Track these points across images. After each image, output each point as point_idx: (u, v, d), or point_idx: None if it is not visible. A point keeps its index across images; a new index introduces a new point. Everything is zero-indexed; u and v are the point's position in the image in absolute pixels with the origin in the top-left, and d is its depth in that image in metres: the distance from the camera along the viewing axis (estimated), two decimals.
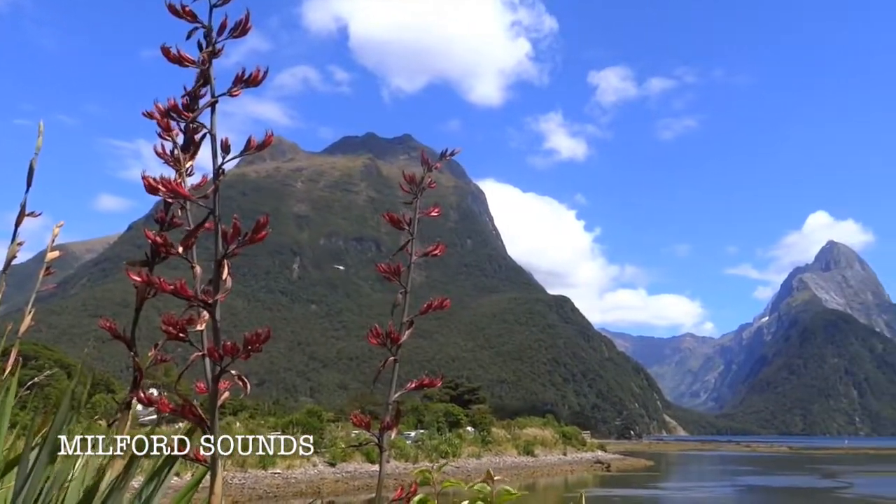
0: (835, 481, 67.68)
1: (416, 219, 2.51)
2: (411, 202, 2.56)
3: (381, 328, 2.27)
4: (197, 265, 1.82)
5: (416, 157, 2.31)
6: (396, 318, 2.29)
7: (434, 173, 2.17)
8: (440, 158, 2.71)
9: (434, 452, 64.99)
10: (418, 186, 2.60)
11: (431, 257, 2.10)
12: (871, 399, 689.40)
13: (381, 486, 2.16)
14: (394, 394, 2.22)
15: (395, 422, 2.22)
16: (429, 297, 2.11)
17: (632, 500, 47.16)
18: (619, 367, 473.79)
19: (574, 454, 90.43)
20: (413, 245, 2.43)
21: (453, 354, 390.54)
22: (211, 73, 1.81)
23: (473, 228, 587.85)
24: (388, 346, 2.25)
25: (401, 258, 2.44)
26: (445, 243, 2.00)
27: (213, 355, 1.72)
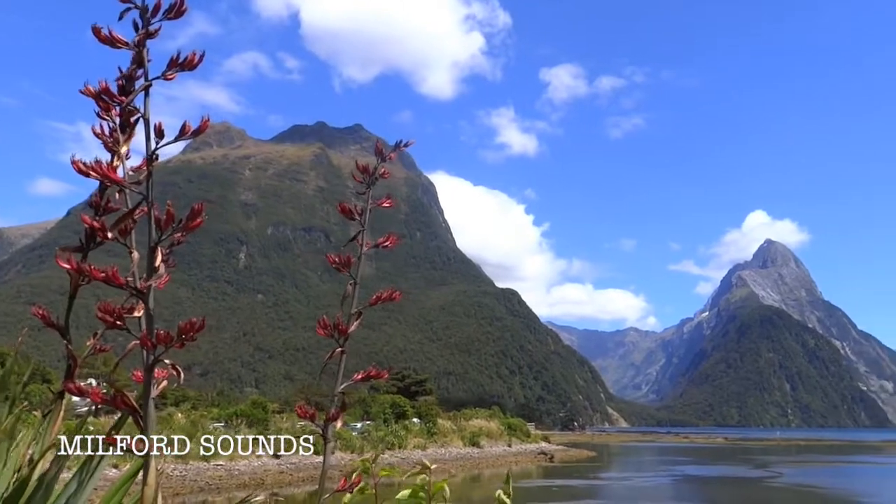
0: (766, 471, 70.32)
1: (369, 210, 2.48)
2: (363, 193, 2.52)
3: (329, 319, 2.24)
4: (135, 251, 1.78)
5: (368, 148, 2.27)
6: (346, 309, 2.26)
7: (387, 166, 2.19)
8: (393, 149, 2.66)
9: (380, 444, 65.01)
10: (371, 177, 2.56)
11: (381, 249, 2.14)
12: (802, 392, 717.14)
13: (325, 477, 2.14)
14: (340, 385, 2.20)
15: (341, 413, 2.19)
16: (378, 289, 2.10)
17: (573, 490, 48.12)
18: (565, 360, 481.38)
19: (519, 445, 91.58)
20: (364, 236, 2.40)
21: (401, 346, 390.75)
22: (144, 55, 1.75)
23: (423, 221, 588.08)
24: (335, 337, 2.22)
25: (351, 249, 2.41)
26: (396, 235, 2.01)
27: (146, 344, 1.69)
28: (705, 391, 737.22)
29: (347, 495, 2.43)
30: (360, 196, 2.48)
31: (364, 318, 1.95)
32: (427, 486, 2.62)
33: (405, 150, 2.28)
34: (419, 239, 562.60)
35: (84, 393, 1.81)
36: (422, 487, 2.61)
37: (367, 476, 2.57)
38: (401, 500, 2.63)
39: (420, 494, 2.60)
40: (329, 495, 2.16)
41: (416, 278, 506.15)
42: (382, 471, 2.65)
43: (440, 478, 2.71)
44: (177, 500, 36.72)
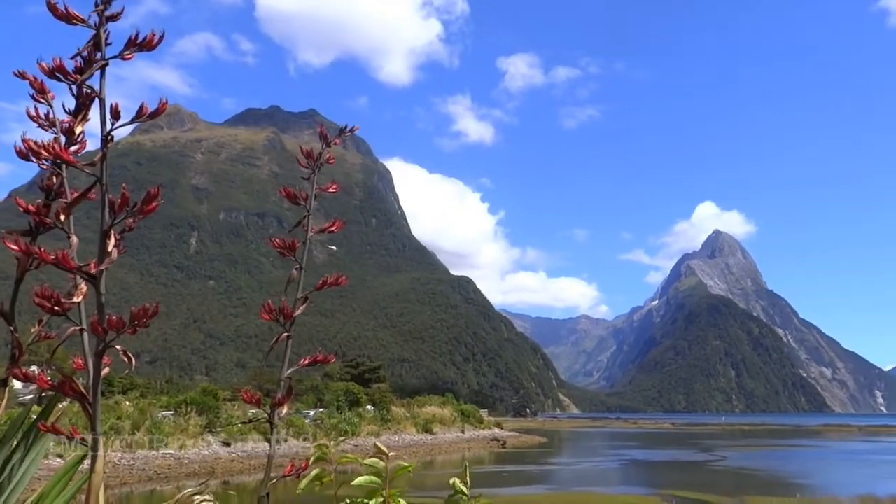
0: (710, 455, 72.63)
1: (314, 194, 2.46)
2: (308, 178, 2.52)
3: (278, 305, 2.24)
4: (74, 235, 1.73)
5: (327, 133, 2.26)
6: (291, 294, 2.26)
7: (341, 151, 2.12)
8: (340, 134, 2.65)
9: (333, 431, 64.96)
10: (317, 161, 2.55)
11: (331, 234, 2.12)
12: (746, 378, 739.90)
13: (271, 463, 2.10)
14: (286, 370, 2.16)
15: (287, 398, 2.15)
16: (333, 276, 2.11)
17: (524, 475, 48.95)
18: (518, 347, 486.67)
19: (472, 432, 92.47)
20: (310, 221, 2.38)
21: (355, 333, 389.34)
22: (102, 33, 1.71)
23: (379, 207, 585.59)
24: (281, 322, 2.21)
25: (298, 234, 2.40)
26: (350, 221, 1.99)
27: (97, 330, 1.63)
28: (654, 378, 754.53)
29: (304, 481, 2.38)
30: (308, 181, 2.21)
31: (317, 304, 1.93)
32: (383, 471, 2.60)
33: (361, 137, 2.24)
34: (374, 226, 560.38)
35: (30, 379, 1.77)
36: (379, 473, 2.60)
37: (324, 462, 2.53)
38: (357, 486, 2.61)
39: (377, 480, 2.59)
40: (275, 481, 2.13)
41: (371, 265, 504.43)
42: (342, 458, 2.65)
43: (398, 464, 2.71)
44: (124, 490, 36.19)
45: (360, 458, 2.69)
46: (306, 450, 20.71)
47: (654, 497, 35.29)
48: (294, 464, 2.31)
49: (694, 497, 35.32)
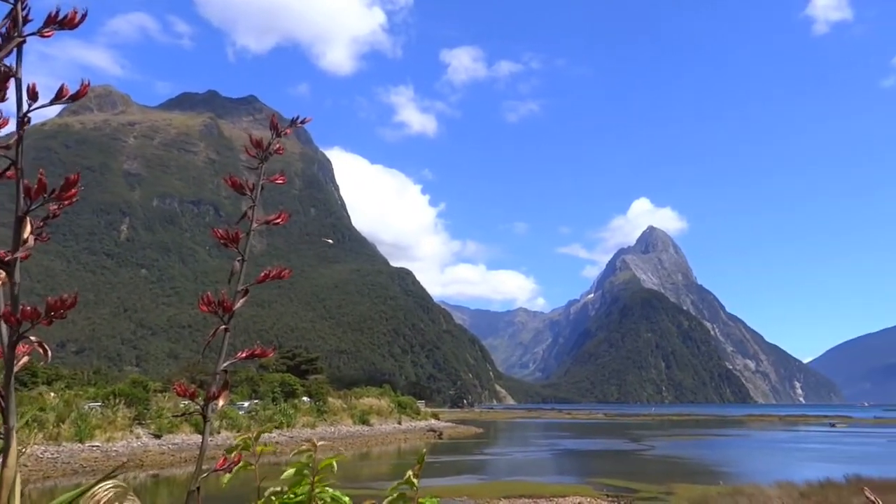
0: (640, 444, 74.91)
1: (260, 185, 2.40)
2: (256, 167, 2.44)
3: (217, 296, 2.18)
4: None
5: (262, 120, 2.16)
6: (232, 286, 2.23)
7: (281, 140, 2.14)
8: (290, 125, 2.58)
9: (268, 423, 64.22)
10: (265, 151, 2.48)
11: (272, 225, 2.09)
12: (676, 370, 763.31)
13: (203, 456, 2.05)
14: (223, 363, 2.13)
15: (222, 392, 2.11)
16: (269, 266, 2.05)
17: (458, 465, 49.45)
18: (456, 339, 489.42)
19: (409, 423, 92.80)
20: (255, 212, 2.32)
21: (292, 324, 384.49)
22: (20, 8, 1.64)
23: (318, 197, 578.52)
24: (219, 314, 2.16)
25: (241, 225, 2.36)
26: (289, 211, 1.97)
27: (9, 320, 1.58)
28: (588, 369, 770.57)
29: (227, 475, 2.33)
30: (253, 170, 2.11)
31: (254, 295, 1.91)
32: (312, 463, 2.56)
33: (302, 126, 2.23)
34: (313, 216, 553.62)
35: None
36: (306, 465, 2.55)
37: (248, 454, 2.49)
38: (285, 480, 2.55)
39: (305, 472, 2.54)
40: (206, 475, 2.09)
41: (310, 256, 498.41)
42: (261, 448, 2.60)
43: (328, 455, 2.67)
44: (47, 484, 34.98)
45: (288, 449, 2.68)
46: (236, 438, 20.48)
47: (585, 486, 36.21)
48: (227, 458, 2.27)
49: (623, 485, 36.39)
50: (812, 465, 48.13)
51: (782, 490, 27.06)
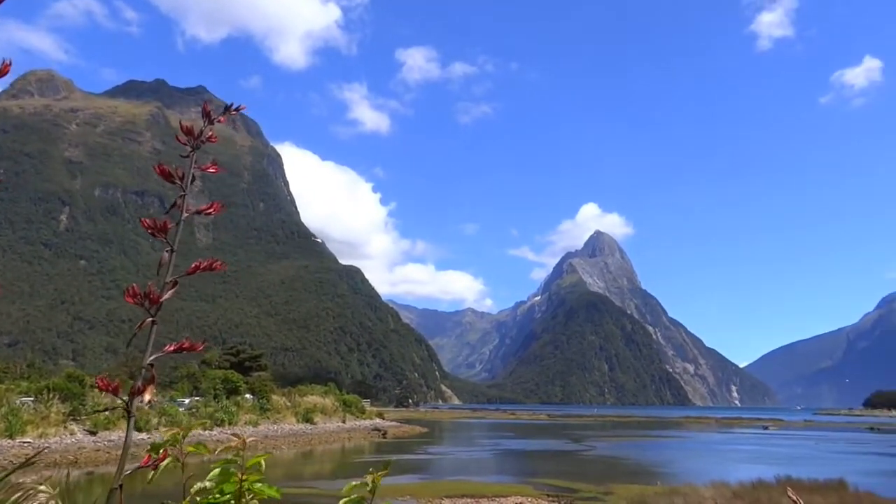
0: (581, 445, 76.16)
1: (192, 173, 2.30)
2: (187, 155, 2.36)
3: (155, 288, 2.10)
4: None
5: (211, 111, 2.11)
6: (161, 277, 2.16)
7: (230, 132, 2.05)
8: (225, 111, 2.50)
9: (209, 420, 63.10)
10: (197, 139, 2.40)
11: (220, 218, 2.03)
12: (618, 372, 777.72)
13: (127, 454, 1.98)
14: (149, 357, 2.06)
15: (148, 386, 2.04)
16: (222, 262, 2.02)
17: (401, 464, 49.45)
18: (403, 339, 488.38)
19: (353, 422, 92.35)
20: (185, 202, 2.25)
21: (237, 320, 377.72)
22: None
23: (268, 192, 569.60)
24: (146, 306, 2.10)
25: (171, 214, 2.28)
26: (236, 205, 1.92)
27: None
28: (533, 370, 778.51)
29: (151, 472, 2.26)
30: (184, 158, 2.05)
31: (198, 290, 1.85)
32: (240, 460, 2.47)
33: (251, 118, 2.17)
34: (262, 210, 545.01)
35: None
36: (234, 462, 2.47)
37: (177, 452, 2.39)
38: (211, 478, 2.46)
39: (232, 469, 2.46)
40: (129, 472, 2.02)
41: (257, 251, 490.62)
42: (189, 448, 2.48)
43: (261, 453, 2.58)
44: None
45: (213, 447, 2.52)
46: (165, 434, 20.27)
47: (526, 485, 36.66)
48: (151, 455, 2.19)
49: (563, 485, 36.98)
50: (745, 466, 49.73)
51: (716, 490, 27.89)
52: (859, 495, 27.97)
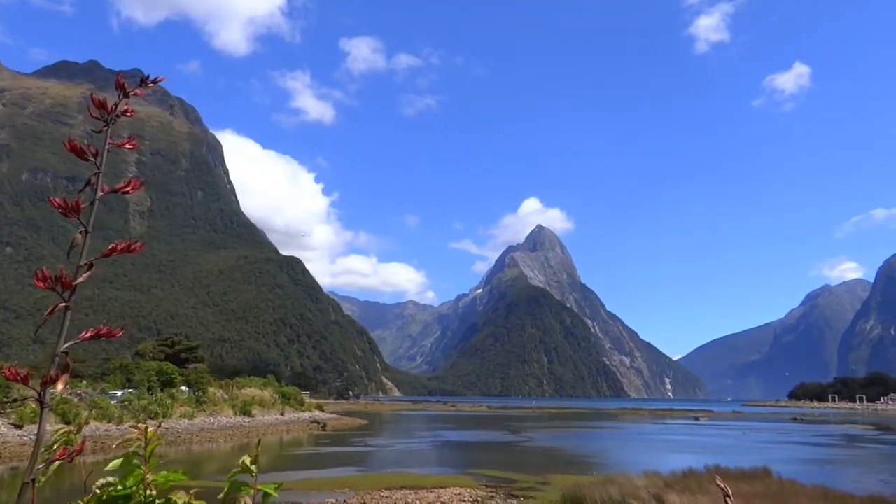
0: (519, 436, 77.20)
1: (105, 150, 2.18)
2: (100, 130, 2.25)
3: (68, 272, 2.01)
4: None
5: (147, 94, 2.01)
6: (74, 260, 2.06)
7: (167, 117, 1.98)
8: (141, 84, 2.40)
9: (142, 413, 61.49)
10: (111, 114, 2.27)
11: (156, 206, 1.97)
12: (557, 365, 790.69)
13: (40, 446, 1.92)
14: (62, 344, 1.95)
15: (61, 376, 1.95)
16: (152, 250, 1.90)
17: (340, 457, 49.22)
18: (344, 330, 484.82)
19: (292, 414, 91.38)
20: (100, 179, 2.13)
21: (173, 311, 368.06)
22: None
23: (206, 180, 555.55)
24: (59, 291, 2.00)
25: (85, 193, 2.18)
26: (173, 192, 1.86)
27: None
28: (474, 363, 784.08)
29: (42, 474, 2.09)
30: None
31: (132, 279, 1.78)
32: (141, 450, 2.34)
33: (190, 104, 2.09)
34: (200, 199, 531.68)
35: None
36: (136, 453, 2.35)
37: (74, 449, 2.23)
38: (109, 471, 2.34)
39: (134, 462, 2.33)
40: (42, 466, 1.96)
41: (195, 240, 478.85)
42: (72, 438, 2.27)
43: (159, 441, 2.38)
44: None
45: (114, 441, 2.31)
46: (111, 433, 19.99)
47: (465, 476, 36.98)
48: (67, 448, 2.11)
49: (502, 476, 37.44)
50: (676, 455, 51.27)
51: (649, 479, 28.66)
52: (782, 483, 29.17)
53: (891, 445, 69.25)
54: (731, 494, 1.88)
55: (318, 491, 30.92)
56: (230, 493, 2.37)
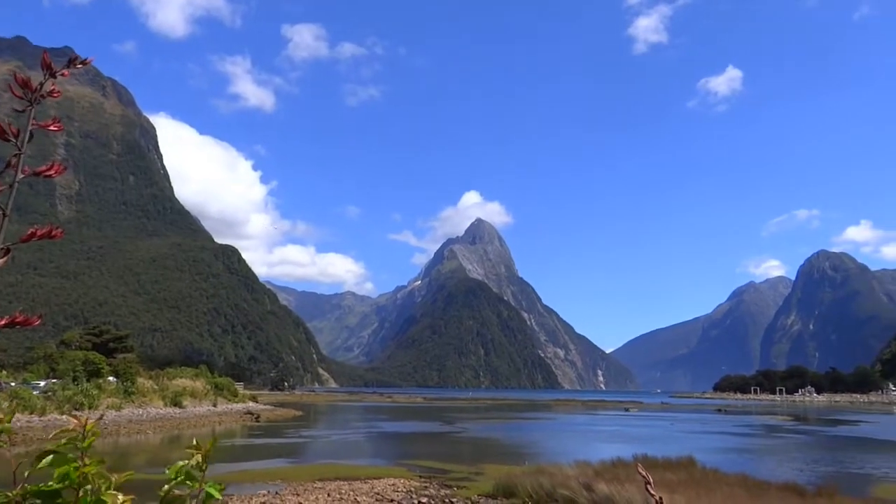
0: (454, 427, 77.84)
1: (28, 131, 2.09)
2: (23, 110, 2.14)
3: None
4: None
5: (78, 74, 1.88)
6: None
7: (99, 98, 1.89)
8: (69, 65, 2.26)
9: (67, 404, 59.45)
10: (35, 93, 2.15)
11: (85, 190, 1.89)
12: (493, 357, 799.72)
13: None
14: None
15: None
16: (81, 236, 1.81)
17: (273, 448, 48.76)
18: (281, 321, 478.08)
19: (225, 405, 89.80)
20: (21, 161, 2.03)
21: (101, 299, 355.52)
22: None
23: (139, 165, 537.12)
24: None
25: (5, 175, 2.07)
26: (104, 177, 1.80)
27: None
28: (411, 354, 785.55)
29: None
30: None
31: (59, 266, 1.71)
32: (77, 442, 2.18)
33: (124, 85, 2.02)
34: (132, 184, 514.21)
35: None
36: (71, 447, 2.19)
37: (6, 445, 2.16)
38: (44, 465, 2.15)
39: (70, 456, 2.17)
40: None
41: (126, 226, 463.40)
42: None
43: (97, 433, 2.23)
44: None
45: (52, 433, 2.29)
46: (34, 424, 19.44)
47: (400, 467, 37.16)
48: None
49: (436, 466, 37.76)
50: (607, 445, 52.66)
51: (580, 469, 29.38)
52: (706, 471, 30.37)
53: (806, 435, 72.76)
54: (653, 482, 1.94)
55: (251, 483, 30.59)
56: (171, 491, 2.24)
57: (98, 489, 2.17)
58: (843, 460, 46.34)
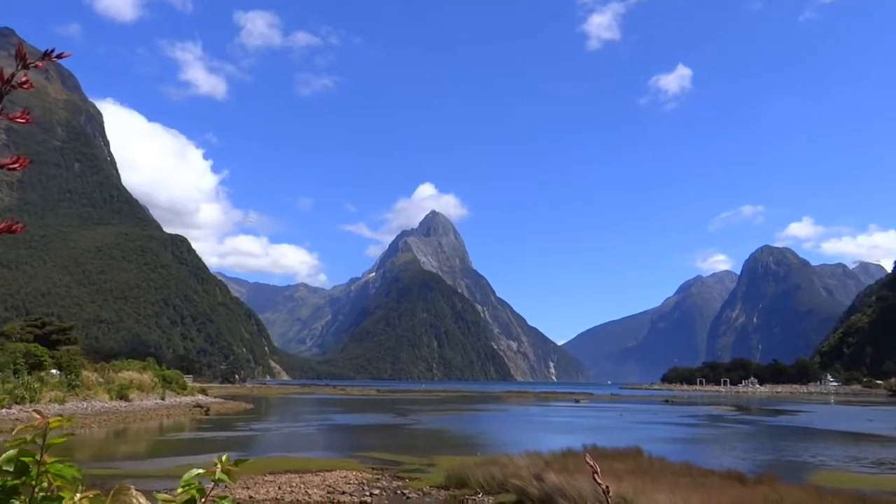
0: (407, 419, 77.99)
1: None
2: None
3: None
4: None
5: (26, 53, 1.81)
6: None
7: (42, 82, 1.81)
8: (43, 57, 2.20)
9: (7, 397, 57.60)
10: (6, 84, 2.09)
11: (27, 177, 1.83)
12: (447, 349, 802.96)
13: None
14: None
15: None
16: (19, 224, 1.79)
17: (222, 442, 48.12)
18: (232, 312, 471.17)
19: (173, 398, 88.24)
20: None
21: (44, 289, 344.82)
22: None
23: (84, 151, 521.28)
24: None
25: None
26: (47, 163, 1.73)
27: None
28: (365, 346, 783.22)
29: None
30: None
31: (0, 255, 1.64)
32: (39, 438, 2.13)
33: (69, 70, 1.91)
34: (77, 171, 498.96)
35: None
36: (33, 442, 2.15)
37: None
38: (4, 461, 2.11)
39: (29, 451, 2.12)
40: None
41: (70, 215, 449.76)
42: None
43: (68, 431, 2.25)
44: None
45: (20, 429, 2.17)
46: None
47: (352, 459, 37.08)
48: None
49: (389, 458, 37.80)
50: (557, 436, 53.40)
51: (530, 459, 29.75)
52: (652, 461, 31.09)
53: (748, 425, 75.07)
54: (600, 472, 2.02)
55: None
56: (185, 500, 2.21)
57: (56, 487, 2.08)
58: (782, 449, 47.98)
